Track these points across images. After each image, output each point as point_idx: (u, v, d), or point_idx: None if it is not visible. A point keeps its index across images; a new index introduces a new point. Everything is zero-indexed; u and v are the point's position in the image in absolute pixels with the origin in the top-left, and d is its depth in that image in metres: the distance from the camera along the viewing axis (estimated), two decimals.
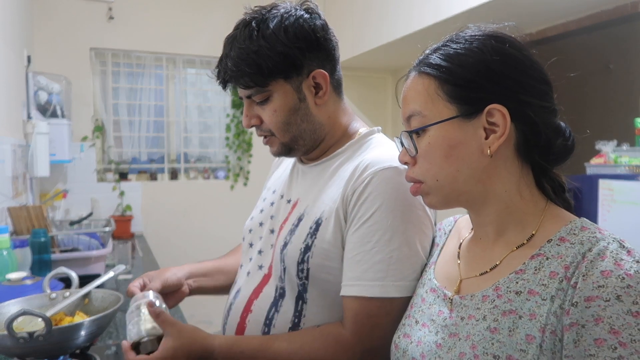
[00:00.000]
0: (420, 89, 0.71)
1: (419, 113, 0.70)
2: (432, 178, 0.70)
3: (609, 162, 1.95)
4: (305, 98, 0.94)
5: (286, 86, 0.92)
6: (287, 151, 0.99)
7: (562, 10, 2.47)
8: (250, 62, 0.89)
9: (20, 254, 1.46)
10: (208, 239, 3.68)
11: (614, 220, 1.77)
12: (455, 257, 0.78)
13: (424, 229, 0.85)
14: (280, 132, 0.95)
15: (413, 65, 0.75)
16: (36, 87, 2.76)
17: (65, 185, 3.31)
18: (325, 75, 0.94)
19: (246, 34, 0.90)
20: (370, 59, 3.68)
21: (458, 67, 0.67)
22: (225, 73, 0.93)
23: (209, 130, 3.88)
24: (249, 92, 0.93)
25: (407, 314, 0.79)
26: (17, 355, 0.91)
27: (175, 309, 1.70)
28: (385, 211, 0.83)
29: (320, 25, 0.93)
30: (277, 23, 0.90)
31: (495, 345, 0.62)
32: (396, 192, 0.83)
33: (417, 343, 0.72)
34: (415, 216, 0.84)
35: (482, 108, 0.66)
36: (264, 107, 0.94)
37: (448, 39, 0.72)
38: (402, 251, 0.82)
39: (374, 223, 0.83)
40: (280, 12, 0.92)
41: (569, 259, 0.61)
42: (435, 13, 2.67)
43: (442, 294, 0.74)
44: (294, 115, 0.93)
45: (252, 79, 0.90)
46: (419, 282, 0.82)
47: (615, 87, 2.56)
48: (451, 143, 0.68)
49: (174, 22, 3.57)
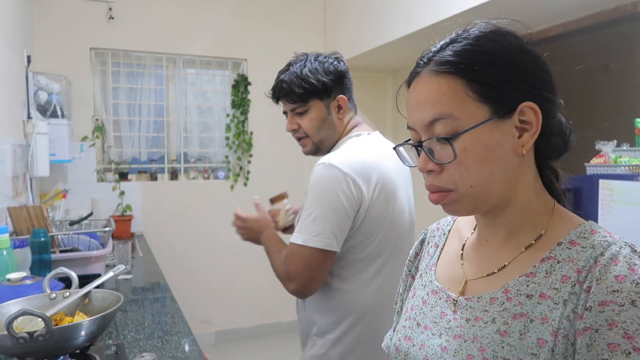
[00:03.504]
0: (446, 90, 0.65)
1: (449, 116, 0.64)
2: (466, 185, 0.66)
3: (609, 162, 1.95)
4: (331, 113, 1.40)
5: (320, 104, 1.39)
6: (315, 150, 1.44)
7: (562, 10, 2.47)
8: (299, 84, 1.36)
9: (20, 254, 1.46)
10: (208, 239, 3.68)
11: (614, 220, 1.77)
12: (458, 258, 0.77)
13: (335, 206, 1.26)
14: (313, 134, 1.41)
15: (420, 65, 0.70)
16: (36, 87, 2.76)
17: (65, 185, 3.31)
18: (345, 99, 1.41)
19: (297, 66, 1.38)
20: (370, 59, 3.68)
21: (486, 66, 0.65)
22: (280, 91, 1.40)
23: (209, 130, 3.89)
24: (294, 106, 1.40)
25: (406, 316, 0.78)
26: (17, 355, 0.91)
27: (175, 309, 1.70)
28: (310, 193, 1.29)
29: (344, 67, 1.42)
30: (319, 61, 1.39)
31: (506, 348, 0.61)
32: (317, 180, 1.28)
33: (420, 346, 0.72)
34: (326, 197, 1.26)
35: (514, 107, 0.65)
36: (303, 117, 1.40)
37: (461, 35, 0.69)
38: (311, 217, 1.26)
39: (306, 201, 1.30)
40: (320, 56, 1.41)
41: (581, 263, 0.61)
42: (435, 13, 2.67)
43: (445, 296, 0.73)
44: (324, 124, 1.40)
45: (299, 96, 1.37)
46: (420, 283, 0.81)
47: (615, 87, 2.56)
48: (488, 146, 0.64)
49: (173, 22, 3.57)
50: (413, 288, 0.83)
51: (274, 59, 3.91)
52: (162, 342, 1.38)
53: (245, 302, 3.86)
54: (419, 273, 0.84)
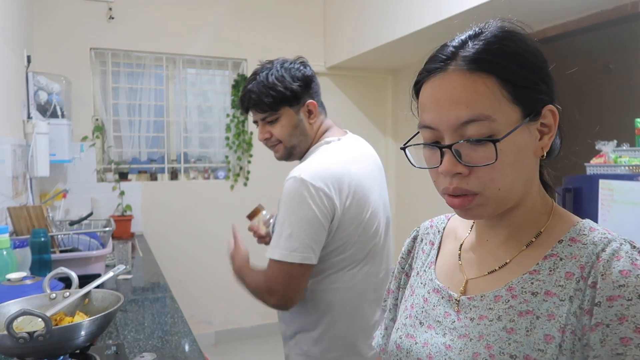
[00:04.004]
0: (483, 90, 0.62)
1: (487, 117, 0.62)
2: (494, 187, 0.64)
3: (609, 162, 1.95)
4: (302, 119, 1.41)
5: (290, 111, 1.39)
6: (288, 155, 1.46)
7: (562, 10, 2.47)
8: (267, 94, 1.36)
9: (20, 254, 1.46)
10: (208, 239, 3.68)
11: (614, 220, 1.77)
12: (456, 258, 0.77)
13: (309, 220, 1.27)
14: (286, 141, 1.41)
15: (441, 60, 0.66)
16: (36, 87, 2.76)
17: (65, 185, 3.31)
18: (315, 104, 1.41)
19: (263, 75, 1.37)
20: (370, 59, 3.68)
21: (519, 66, 0.64)
22: (249, 102, 1.40)
23: (209, 130, 3.88)
24: (264, 115, 1.40)
25: (407, 314, 0.78)
26: (17, 355, 0.91)
27: (175, 309, 1.70)
28: (283, 207, 1.30)
29: (310, 72, 1.43)
30: (285, 68, 1.38)
31: (513, 345, 0.62)
32: (290, 195, 1.28)
33: (423, 344, 0.72)
34: (300, 211, 1.26)
35: (540, 109, 0.65)
36: (274, 125, 1.40)
37: (483, 33, 0.67)
38: (287, 232, 1.26)
39: (279, 215, 1.30)
40: (286, 62, 1.40)
41: (583, 259, 0.62)
42: (435, 13, 2.67)
43: (447, 295, 0.73)
44: (295, 130, 1.40)
45: (269, 105, 1.37)
46: (418, 281, 0.81)
47: (615, 87, 2.56)
48: (519, 148, 0.64)
49: (174, 22, 3.57)
50: (410, 286, 0.83)
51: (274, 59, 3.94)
52: (162, 342, 1.38)
53: (245, 302, 3.83)
54: (415, 271, 0.84)
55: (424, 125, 0.66)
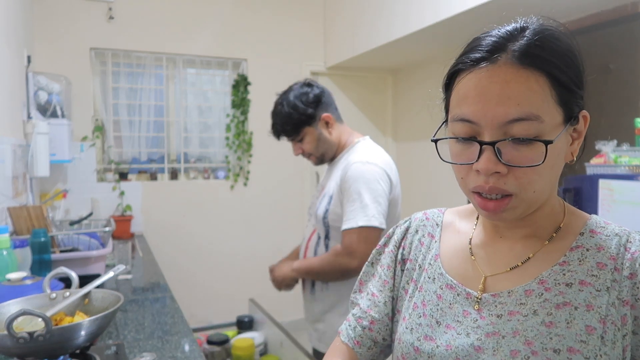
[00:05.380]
0: (537, 89, 0.59)
1: (537, 118, 0.59)
2: (531, 189, 0.62)
3: (609, 162, 1.95)
4: (322, 131, 1.70)
5: (310, 129, 1.69)
6: (320, 162, 1.78)
7: (562, 10, 2.47)
8: (287, 122, 1.67)
9: (20, 254, 1.46)
10: (208, 239, 3.68)
11: (614, 220, 1.75)
12: (467, 253, 0.74)
13: (380, 193, 1.57)
14: (314, 152, 1.73)
15: (487, 49, 0.62)
16: (36, 87, 2.76)
17: (65, 185, 3.31)
18: (330, 116, 1.69)
19: (280, 108, 1.68)
20: (370, 59, 3.68)
21: (567, 67, 0.62)
22: (277, 132, 1.72)
23: (209, 130, 3.88)
24: (291, 138, 1.72)
25: (420, 312, 0.74)
26: (17, 355, 0.91)
27: (175, 309, 1.70)
28: (354, 186, 1.56)
29: (318, 90, 1.69)
30: (295, 96, 1.66)
31: (554, 339, 0.61)
32: (361, 174, 1.57)
33: (446, 347, 0.68)
34: (372, 187, 1.55)
35: (577, 113, 0.64)
36: (302, 143, 1.72)
37: (531, 27, 0.64)
38: (363, 204, 1.54)
39: (349, 193, 1.57)
40: (295, 89, 1.69)
41: (613, 250, 0.64)
42: (435, 13, 2.67)
43: (465, 292, 0.70)
44: (319, 142, 1.71)
45: (292, 131, 1.69)
46: (425, 276, 0.77)
47: (615, 87, 2.56)
48: (558, 152, 0.63)
49: (174, 22, 3.57)
50: (413, 280, 0.79)
51: (274, 59, 3.95)
52: (162, 342, 1.38)
53: (245, 302, 3.86)
54: (416, 264, 0.80)
55: (462, 118, 0.62)
